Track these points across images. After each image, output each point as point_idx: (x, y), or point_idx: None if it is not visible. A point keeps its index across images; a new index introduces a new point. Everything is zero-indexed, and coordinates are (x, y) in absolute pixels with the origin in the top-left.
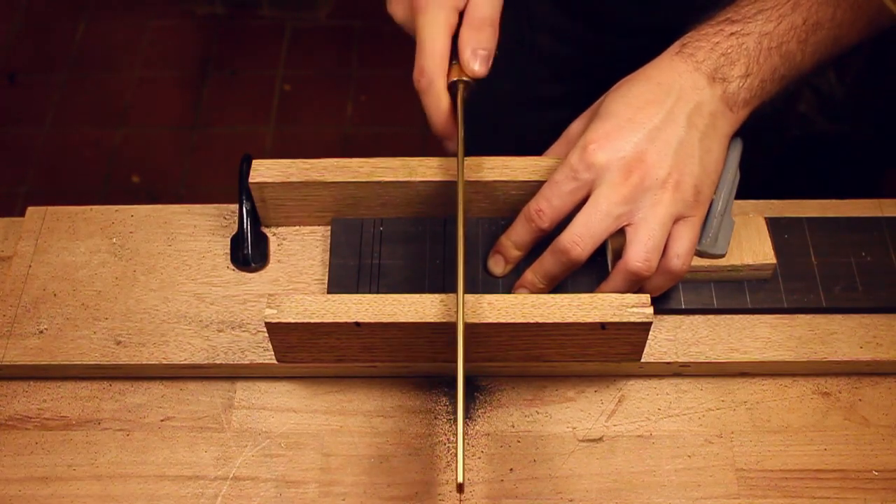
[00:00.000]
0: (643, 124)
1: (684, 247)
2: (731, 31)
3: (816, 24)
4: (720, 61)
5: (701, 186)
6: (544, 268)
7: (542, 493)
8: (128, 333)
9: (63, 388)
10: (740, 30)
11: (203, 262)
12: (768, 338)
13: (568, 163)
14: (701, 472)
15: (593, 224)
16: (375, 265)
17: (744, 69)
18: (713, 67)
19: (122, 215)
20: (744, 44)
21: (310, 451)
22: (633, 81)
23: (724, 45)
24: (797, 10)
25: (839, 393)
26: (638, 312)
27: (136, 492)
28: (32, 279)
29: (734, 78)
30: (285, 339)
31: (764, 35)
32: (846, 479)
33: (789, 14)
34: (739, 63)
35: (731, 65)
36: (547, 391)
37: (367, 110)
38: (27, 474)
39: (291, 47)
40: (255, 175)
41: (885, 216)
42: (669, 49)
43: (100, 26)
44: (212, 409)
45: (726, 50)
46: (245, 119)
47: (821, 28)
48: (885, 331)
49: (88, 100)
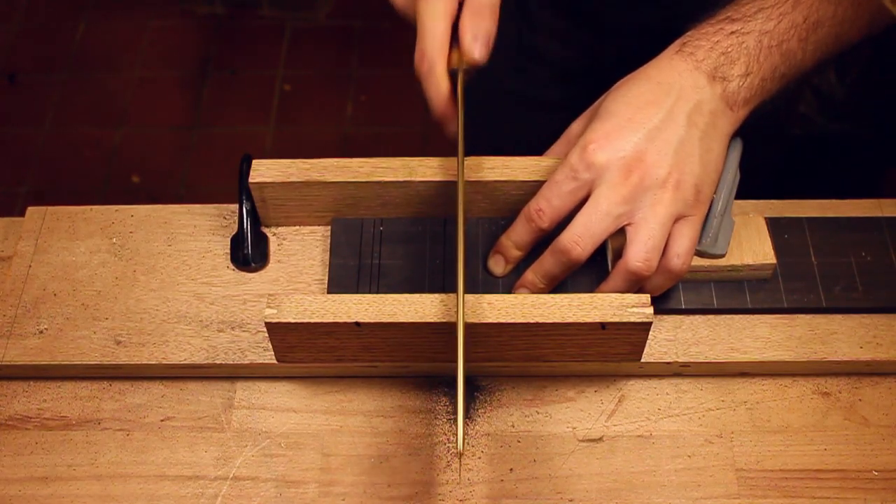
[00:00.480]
0: (643, 124)
1: (684, 246)
2: (732, 29)
3: (817, 22)
4: (720, 60)
5: (701, 186)
6: (544, 268)
7: (542, 493)
8: (128, 333)
9: (63, 388)
10: (740, 28)
11: (203, 262)
12: (768, 338)
13: (568, 163)
14: (701, 472)
15: (593, 224)
16: (375, 265)
17: (744, 68)
18: (713, 66)
19: (122, 215)
20: (744, 42)
21: (310, 451)
22: (633, 81)
23: (724, 43)
24: (797, 8)
25: (839, 393)
26: (638, 312)
27: (136, 492)
28: (32, 279)
29: (734, 77)
30: (285, 339)
31: (764, 33)
32: (846, 479)
33: (790, 12)
34: (740, 62)
35: (731, 64)
36: (547, 391)
37: (367, 110)
38: (27, 474)
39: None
40: (255, 175)
41: (885, 216)
42: (669, 48)
43: (100, 26)
44: (212, 409)
45: (726, 49)
46: (245, 119)
47: (821, 26)
48: (885, 331)
49: (88, 100)
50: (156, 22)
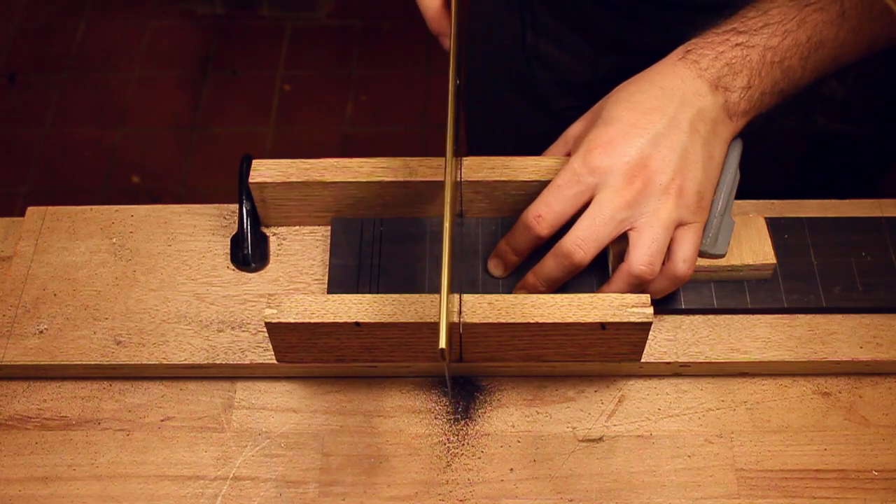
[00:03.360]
0: (647, 129)
1: (688, 251)
2: (737, 41)
3: (819, 42)
4: (724, 70)
5: (703, 192)
6: (545, 271)
7: (542, 493)
8: (128, 333)
9: (63, 388)
10: (745, 41)
11: (203, 262)
12: (768, 338)
13: (571, 167)
14: (701, 472)
15: (596, 228)
16: (375, 265)
17: (746, 81)
18: (716, 76)
19: (122, 215)
20: (748, 56)
21: (310, 451)
22: (636, 85)
23: (728, 55)
24: (802, 28)
25: (839, 393)
26: (638, 312)
27: (136, 492)
28: (32, 279)
29: (736, 88)
30: (285, 339)
31: (768, 49)
32: (846, 479)
33: (794, 31)
34: (742, 74)
35: (734, 75)
36: (547, 391)
37: (367, 110)
38: (27, 474)
39: (291, 47)
40: (255, 175)
41: (885, 216)
42: (672, 54)
43: (100, 26)
44: (212, 409)
45: (730, 60)
46: (245, 119)
47: (823, 47)
48: (885, 331)
49: (88, 100)
50: (156, 22)
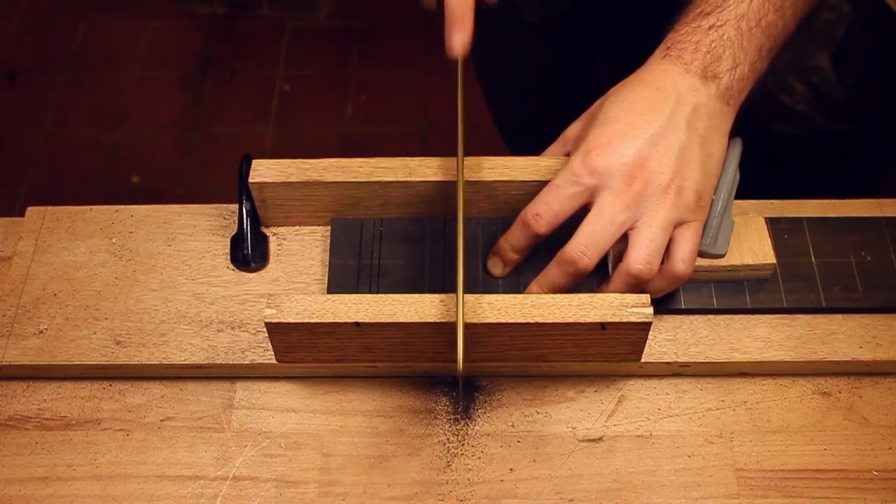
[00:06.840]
0: (644, 129)
1: (688, 251)
2: (708, 24)
3: None
4: (707, 59)
5: (702, 192)
6: (550, 279)
7: (542, 493)
8: (128, 333)
9: (63, 388)
10: (716, 21)
11: (203, 262)
12: (768, 338)
13: (570, 168)
14: (701, 472)
15: (598, 233)
16: (375, 265)
17: (731, 61)
18: (703, 66)
19: (122, 215)
20: (724, 34)
21: (310, 451)
22: (631, 86)
23: (705, 42)
24: None
25: (839, 393)
26: (638, 312)
27: (136, 492)
28: (32, 279)
29: (724, 73)
30: (285, 339)
31: (741, 18)
32: (846, 479)
33: None
34: (725, 56)
35: (717, 61)
36: (547, 391)
37: (367, 110)
38: (27, 474)
39: (291, 47)
40: (255, 175)
41: (885, 216)
42: (655, 54)
43: (100, 26)
44: (212, 409)
45: (710, 47)
46: (245, 119)
47: None
48: (885, 331)
49: (88, 100)
50: (155, 22)
